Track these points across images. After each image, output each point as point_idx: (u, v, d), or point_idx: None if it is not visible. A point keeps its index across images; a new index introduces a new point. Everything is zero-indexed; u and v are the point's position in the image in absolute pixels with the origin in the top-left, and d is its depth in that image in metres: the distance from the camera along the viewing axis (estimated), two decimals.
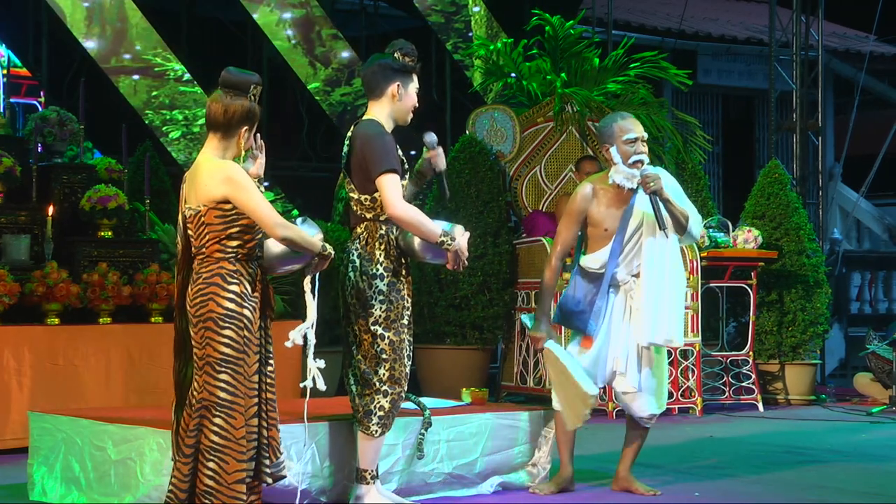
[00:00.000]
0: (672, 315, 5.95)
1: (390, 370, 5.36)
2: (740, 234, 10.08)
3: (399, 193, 5.28)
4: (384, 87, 5.43)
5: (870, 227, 16.84)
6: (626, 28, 14.90)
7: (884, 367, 10.31)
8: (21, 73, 13.69)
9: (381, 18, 14.73)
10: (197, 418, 4.71)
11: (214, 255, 4.74)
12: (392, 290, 5.35)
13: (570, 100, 10.22)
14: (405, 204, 5.31)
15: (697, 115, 13.18)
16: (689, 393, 9.44)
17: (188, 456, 4.71)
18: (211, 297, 4.70)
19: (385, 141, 5.33)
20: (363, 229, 5.40)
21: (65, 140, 8.52)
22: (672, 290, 5.96)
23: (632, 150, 5.97)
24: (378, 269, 5.35)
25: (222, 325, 4.69)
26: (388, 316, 5.34)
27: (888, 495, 6.33)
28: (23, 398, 7.28)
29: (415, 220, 5.31)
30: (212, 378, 4.70)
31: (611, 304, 6.02)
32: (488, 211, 9.83)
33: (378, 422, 5.37)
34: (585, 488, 6.24)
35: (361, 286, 5.34)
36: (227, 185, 4.70)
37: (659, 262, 5.95)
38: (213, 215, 4.72)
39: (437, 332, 9.80)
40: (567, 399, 6.01)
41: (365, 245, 5.37)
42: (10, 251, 7.79)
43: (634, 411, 6.12)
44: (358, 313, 5.36)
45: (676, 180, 6.14)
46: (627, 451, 6.16)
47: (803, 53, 13.18)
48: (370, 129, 5.38)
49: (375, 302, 5.33)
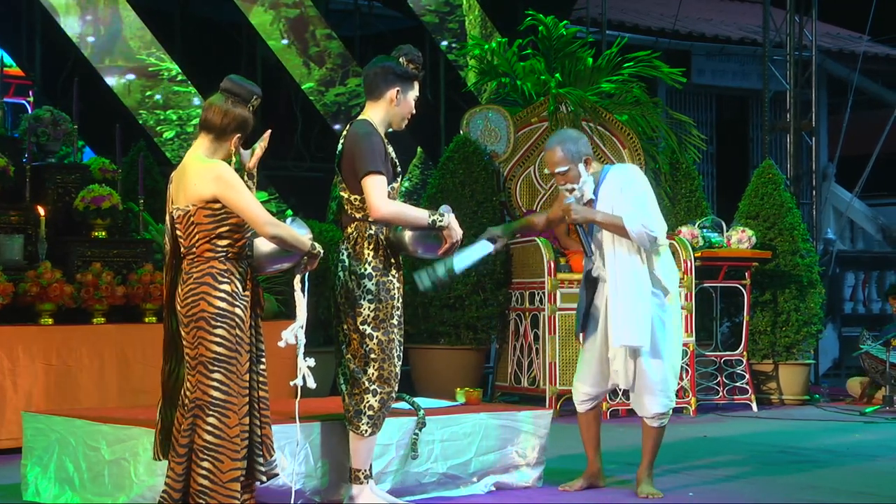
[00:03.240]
0: (630, 317, 5.90)
1: (379, 370, 5.35)
2: (734, 234, 10.09)
3: (383, 194, 5.26)
4: (384, 91, 5.43)
5: (863, 227, 16.87)
6: (619, 28, 14.91)
7: (877, 367, 10.32)
8: (11, 73, 13.67)
9: (375, 18, 14.73)
10: (190, 418, 4.71)
11: (205, 254, 4.74)
12: (381, 289, 5.34)
13: (564, 100, 10.22)
14: (388, 202, 5.28)
15: (691, 116, 13.18)
16: (684, 393, 9.45)
17: (182, 456, 4.71)
18: (202, 296, 4.70)
19: (372, 142, 5.31)
20: (353, 229, 5.40)
21: (58, 140, 8.51)
22: (630, 294, 5.92)
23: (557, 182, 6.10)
24: (366, 268, 5.34)
25: (214, 325, 4.69)
26: (376, 315, 5.34)
27: (881, 495, 6.34)
28: (17, 398, 7.27)
29: (400, 213, 5.32)
30: (205, 377, 4.70)
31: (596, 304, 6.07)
32: (482, 211, 9.83)
33: (368, 421, 5.37)
34: (585, 488, 6.24)
35: (350, 286, 5.34)
36: (216, 184, 4.70)
37: (614, 267, 5.96)
38: (202, 215, 4.72)
39: (432, 333, 9.80)
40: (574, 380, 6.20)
41: (354, 245, 5.37)
42: (3, 251, 7.77)
43: (637, 411, 6.14)
44: (347, 313, 5.36)
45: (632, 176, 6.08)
46: (642, 451, 6.18)
47: (797, 53, 13.19)
48: (360, 129, 5.38)
49: (364, 301, 5.33)
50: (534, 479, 6.28)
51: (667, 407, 6.09)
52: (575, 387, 6.21)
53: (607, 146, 10.23)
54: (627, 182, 6.02)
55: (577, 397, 6.21)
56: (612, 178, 6.05)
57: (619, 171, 6.12)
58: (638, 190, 6.01)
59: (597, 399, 6.20)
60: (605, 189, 6.00)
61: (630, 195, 5.96)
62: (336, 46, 13.79)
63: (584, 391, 6.15)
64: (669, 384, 6.10)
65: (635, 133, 10.34)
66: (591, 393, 6.15)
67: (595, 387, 6.13)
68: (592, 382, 6.12)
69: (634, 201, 5.94)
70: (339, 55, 13.76)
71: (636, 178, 6.07)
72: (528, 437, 6.27)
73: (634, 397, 6.10)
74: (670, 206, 10.55)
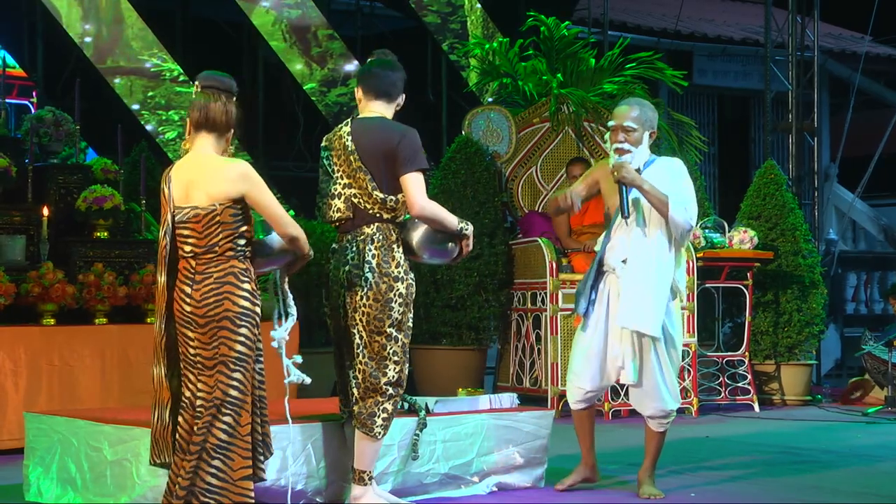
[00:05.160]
0: (649, 304, 5.86)
1: (399, 373, 5.35)
2: (736, 235, 10.09)
3: (424, 191, 5.34)
4: (397, 95, 5.49)
5: (865, 228, 16.85)
6: (621, 29, 14.91)
7: (879, 367, 10.31)
8: (14, 74, 13.68)
9: (376, 19, 14.74)
10: (208, 417, 4.67)
11: (226, 253, 4.74)
12: (409, 293, 5.36)
13: (565, 100, 10.22)
14: (430, 200, 5.37)
15: (693, 116, 13.19)
16: (686, 393, 9.44)
17: (193, 454, 4.67)
18: (226, 296, 4.69)
19: (417, 139, 5.39)
20: (375, 230, 5.34)
21: (60, 140, 8.51)
22: (653, 280, 5.88)
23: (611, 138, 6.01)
24: (399, 272, 5.33)
25: (239, 324, 4.70)
26: (402, 319, 5.34)
27: (883, 496, 6.33)
28: (18, 399, 7.27)
29: (439, 212, 5.40)
30: (226, 377, 4.68)
31: (602, 290, 6.01)
32: (484, 211, 9.82)
33: (382, 423, 5.36)
34: (583, 489, 6.24)
35: (381, 287, 5.29)
36: (244, 183, 4.73)
37: (644, 251, 5.92)
38: (228, 214, 4.73)
39: (433, 333, 9.80)
40: (569, 376, 6.13)
41: (381, 246, 5.32)
42: (5, 252, 7.78)
43: (640, 412, 6.13)
44: (373, 314, 5.29)
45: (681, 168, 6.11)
46: (645, 452, 6.14)
47: (799, 54, 13.19)
48: (397, 125, 5.40)
49: (395, 304, 5.30)
50: (535, 480, 6.28)
51: (672, 407, 6.06)
52: (572, 384, 6.09)
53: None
54: (677, 172, 6.07)
55: (575, 395, 6.10)
56: (660, 164, 6.08)
57: (668, 161, 6.17)
58: (686, 181, 6.06)
59: (595, 397, 6.17)
60: (650, 173, 6.00)
61: (678, 184, 5.99)
62: (338, 47, 13.80)
63: (584, 389, 6.05)
64: (674, 385, 6.08)
65: None
66: (592, 391, 6.08)
67: (595, 385, 6.06)
68: (592, 380, 6.03)
69: (683, 190, 5.98)
70: (341, 56, 13.77)
71: (684, 171, 6.12)
72: (530, 438, 6.26)
73: (639, 398, 6.06)
74: None
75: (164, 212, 4.89)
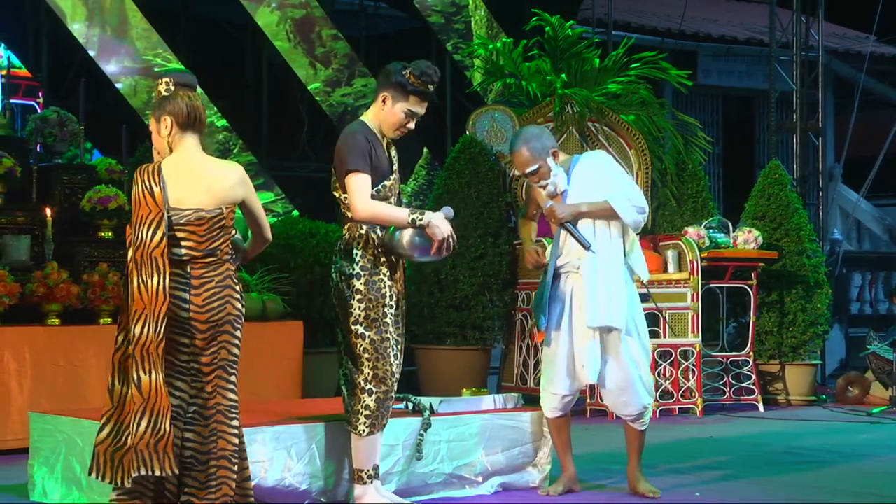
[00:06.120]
0: (613, 298, 5.83)
1: (373, 369, 5.33)
2: (740, 235, 10.08)
3: (363, 194, 5.22)
4: (378, 93, 5.44)
5: (870, 228, 16.85)
6: (626, 29, 14.90)
7: (884, 367, 10.31)
8: (20, 74, 13.70)
9: (381, 19, 14.74)
10: (213, 424, 4.64)
11: (224, 257, 4.74)
12: (371, 288, 5.32)
13: (570, 100, 10.22)
14: (367, 202, 5.24)
15: (698, 116, 13.17)
16: (690, 393, 9.44)
17: (203, 464, 4.61)
18: (227, 299, 4.69)
19: (355, 140, 5.29)
20: (346, 230, 5.41)
21: (65, 140, 8.52)
22: (612, 275, 5.86)
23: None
24: (354, 268, 5.33)
25: (236, 327, 4.71)
26: (367, 315, 5.31)
27: (887, 496, 6.33)
28: (23, 399, 7.28)
29: (379, 213, 5.28)
30: (224, 381, 4.68)
31: (560, 295, 5.97)
32: (488, 211, 9.83)
33: (365, 421, 5.35)
34: (584, 489, 6.24)
35: (341, 286, 5.35)
36: (244, 187, 4.76)
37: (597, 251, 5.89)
38: (230, 217, 4.75)
39: (438, 333, 9.80)
40: (543, 385, 6.07)
41: (345, 246, 5.39)
42: (10, 252, 7.79)
43: (616, 412, 6.13)
44: (339, 314, 5.40)
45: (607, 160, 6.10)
46: (629, 451, 6.13)
47: (803, 54, 13.18)
48: (349, 127, 5.41)
49: (354, 301, 5.32)
50: (540, 480, 6.28)
51: (647, 403, 6.01)
52: (547, 392, 6.01)
53: (613, 146, 10.21)
54: (602, 166, 6.04)
55: (551, 403, 6.01)
56: (583, 164, 6.04)
57: (591, 158, 6.14)
58: (616, 171, 6.06)
59: (572, 402, 6.10)
60: (577, 175, 5.99)
61: (610, 179, 5.97)
62: (342, 47, 13.81)
63: (559, 394, 5.98)
64: (648, 378, 6.03)
65: (641, 133, 10.33)
66: (568, 395, 6.01)
67: (570, 388, 5.99)
68: (566, 384, 5.97)
69: (616, 183, 5.96)
70: (346, 56, 13.78)
71: (611, 161, 6.13)
72: (535, 438, 6.26)
73: (614, 398, 6.01)
74: (676, 207, 10.54)
75: (150, 212, 4.59)
